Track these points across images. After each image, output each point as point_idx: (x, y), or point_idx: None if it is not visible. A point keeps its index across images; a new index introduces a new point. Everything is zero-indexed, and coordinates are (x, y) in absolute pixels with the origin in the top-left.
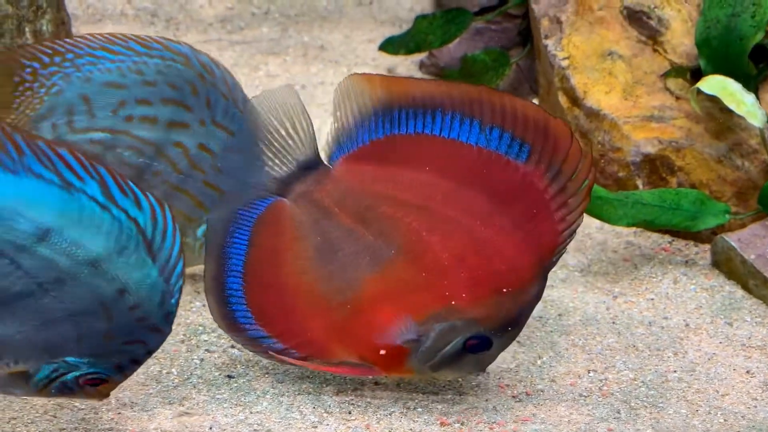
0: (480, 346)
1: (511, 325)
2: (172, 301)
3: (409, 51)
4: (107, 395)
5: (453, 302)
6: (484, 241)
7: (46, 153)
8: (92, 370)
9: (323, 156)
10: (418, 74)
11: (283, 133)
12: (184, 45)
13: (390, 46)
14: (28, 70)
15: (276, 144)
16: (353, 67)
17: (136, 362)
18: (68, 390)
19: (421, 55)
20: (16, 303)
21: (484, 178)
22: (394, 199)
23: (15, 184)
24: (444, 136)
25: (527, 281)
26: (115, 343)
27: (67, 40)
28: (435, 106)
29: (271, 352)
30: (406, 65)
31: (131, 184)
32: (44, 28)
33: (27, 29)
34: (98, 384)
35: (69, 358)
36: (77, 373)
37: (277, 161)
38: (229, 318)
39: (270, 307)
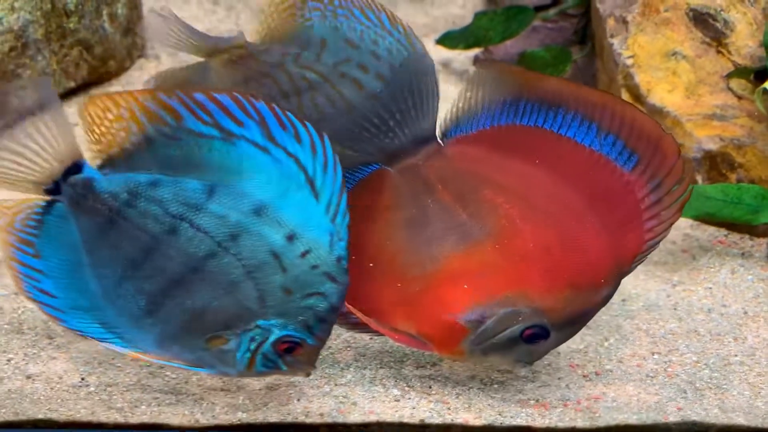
0: (537, 337)
1: (572, 323)
2: (341, 243)
3: (468, 46)
4: (311, 366)
5: (526, 289)
6: (573, 238)
7: (204, 106)
8: (284, 333)
9: (438, 131)
10: (472, 69)
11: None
12: (420, 44)
13: (448, 40)
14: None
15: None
16: None
17: (323, 320)
18: (272, 363)
19: (477, 50)
20: (204, 268)
21: (589, 179)
22: (497, 184)
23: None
24: (561, 133)
25: (601, 283)
26: (296, 298)
27: None
28: (560, 104)
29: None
30: (461, 60)
31: (290, 115)
32: (119, 11)
33: (104, 11)
34: (294, 350)
35: (260, 321)
36: (272, 339)
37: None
38: None
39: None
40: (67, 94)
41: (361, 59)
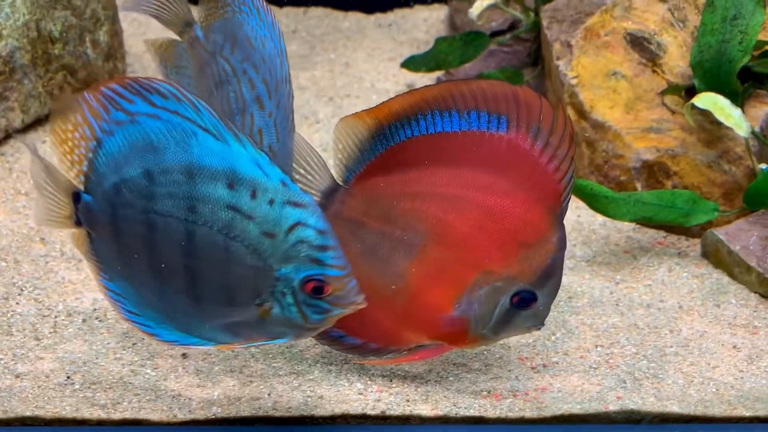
0: (525, 300)
1: (547, 275)
2: (272, 168)
3: (429, 69)
4: (358, 295)
5: (487, 267)
6: (494, 207)
7: (109, 96)
8: (302, 275)
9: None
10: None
11: (303, 171)
12: (282, 43)
13: (411, 64)
14: None
15: (303, 181)
16: (376, 82)
17: (321, 247)
18: (320, 308)
19: (439, 73)
20: (191, 248)
21: (476, 155)
22: (406, 195)
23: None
24: (430, 132)
25: (545, 231)
26: (281, 239)
27: None
28: (415, 112)
29: (355, 355)
30: (424, 81)
31: (157, 84)
32: (101, 38)
33: (87, 38)
34: (323, 288)
35: (275, 274)
36: (297, 285)
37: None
38: None
39: None
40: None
41: (255, 59)
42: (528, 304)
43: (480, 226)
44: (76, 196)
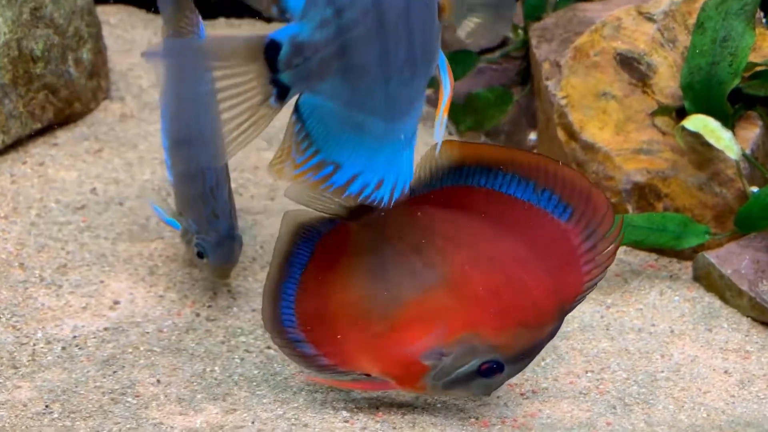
0: (492, 371)
1: (523, 356)
2: None
3: None
4: None
5: (479, 329)
6: (518, 282)
7: None
8: None
9: None
10: (424, 107)
11: None
12: None
13: None
14: None
15: None
16: None
17: None
18: None
19: (428, 91)
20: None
21: (530, 229)
22: (447, 235)
23: None
24: (502, 191)
25: (547, 321)
26: None
27: None
28: (498, 166)
29: (299, 364)
30: None
31: None
32: (84, 56)
33: (69, 57)
34: None
35: None
36: None
37: None
38: (275, 318)
39: (314, 315)
40: (33, 135)
41: None
42: (493, 374)
43: (494, 291)
44: (269, 51)
